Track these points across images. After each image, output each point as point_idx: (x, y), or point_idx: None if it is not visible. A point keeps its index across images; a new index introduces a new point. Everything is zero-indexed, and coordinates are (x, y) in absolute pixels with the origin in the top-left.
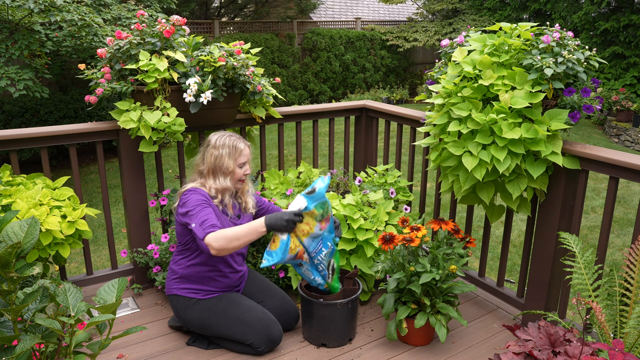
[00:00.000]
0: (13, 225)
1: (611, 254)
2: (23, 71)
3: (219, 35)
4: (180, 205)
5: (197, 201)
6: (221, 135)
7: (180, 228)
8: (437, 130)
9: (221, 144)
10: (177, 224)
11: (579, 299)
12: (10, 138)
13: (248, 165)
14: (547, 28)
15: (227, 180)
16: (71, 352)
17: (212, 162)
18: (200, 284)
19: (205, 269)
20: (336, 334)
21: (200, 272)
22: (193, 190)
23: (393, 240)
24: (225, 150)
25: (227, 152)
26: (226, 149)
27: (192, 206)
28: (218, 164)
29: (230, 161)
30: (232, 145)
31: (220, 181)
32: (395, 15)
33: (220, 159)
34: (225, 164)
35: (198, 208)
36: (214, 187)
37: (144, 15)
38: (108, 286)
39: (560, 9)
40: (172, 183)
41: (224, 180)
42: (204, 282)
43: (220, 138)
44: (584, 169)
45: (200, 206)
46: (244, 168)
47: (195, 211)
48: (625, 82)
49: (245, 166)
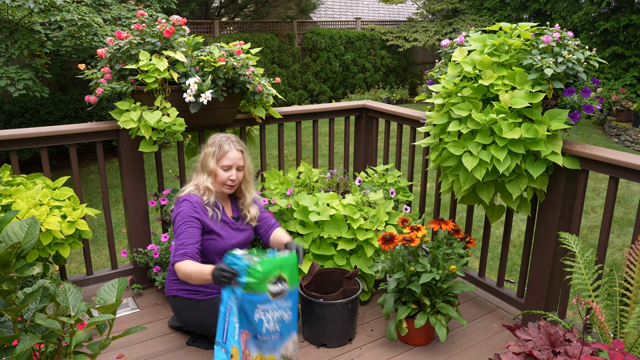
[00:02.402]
0: (13, 225)
1: (611, 254)
2: (23, 71)
3: (219, 35)
4: (174, 212)
5: (184, 217)
6: (218, 134)
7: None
8: (437, 130)
9: (212, 142)
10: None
11: (579, 299)
12: (10, 138)
13: (234, 171)
14: (547, 28)
15: (209, 180)
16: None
17: (201, 158)
18: (200, 285)
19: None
20: (336, 334)
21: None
22: (185, 199)
23: (393, 240)
24: (211, 149)
25: (211, 150)
26: (212, 148)
27: (178, 222)
28: (204, 161)
29: (212, 160)
30: (218, 144)
31: (203, 179)
32: (395, 15)
33: (207, 156)
34: (208, 162)
35: (182, 227)
36: (202, 185)
37: (144, 15)
38: (108, 286)
39: (560, 9)
40: (172, 183)
41: (206, 179)
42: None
43: (215, 136)
44: (584, 169)
45: (185, 224)
46: (229, 173)
47: (179, 230)
48: (625, 82)
49: (231, 171)
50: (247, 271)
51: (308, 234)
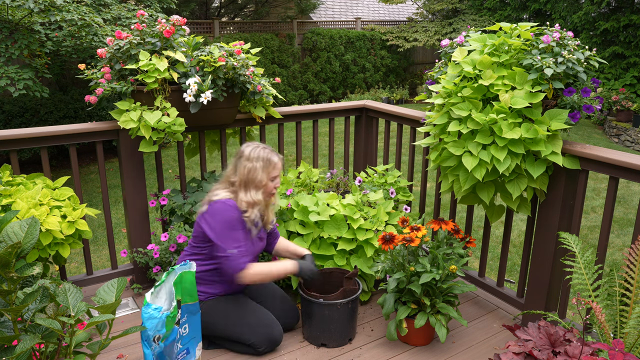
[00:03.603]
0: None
1: (611, 254)
2: (23, 71)
3: (219, 35)
4: (209, 215)
5: (229, 221)
6: (255, 146)
7: (201, 233)
8: (437, 130)
9: (255, 156)
10: (198, 228)
11: (579, 299)
12: (10, 138)
13: (279, 179)
14: (547, 28)
15: (259, 193)
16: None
17: (245, 174)
18: (205, 286)
19: (215, 274)
20: (336, 334)
21: (209, 276)
22: (226, 203)
23: (393, 240)
24: (259, 164)
25: (261, 165)
26: (260, 162)
27: (228, 226)
28: (251, 177)
29: (263, 174)
30: (267, 158)
31: (251, 194)
32: (395, 15)
33: (254, 172)
34: (259, 177)
35: (235, 233)
36: (244, 201)
37: (144, 15)
38: (107, 286)
39: (560, 9)
40: (172, 183)
41: (255, 193)
42: (210, 284)
43: (254, 150)
44: (584, 169)
45: (236, 231)
46: (275, 181)
47: (233, 235)
48: (625, 82)
49: (277, 179)
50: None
51: (308, 234)
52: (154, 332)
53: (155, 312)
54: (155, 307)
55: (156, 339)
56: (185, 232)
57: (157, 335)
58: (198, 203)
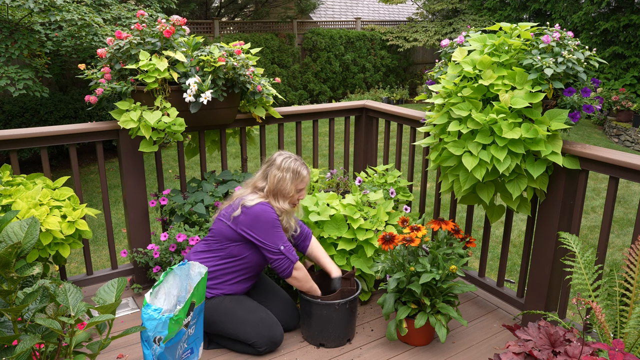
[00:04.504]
0: (13, 225)
1: (611, 254)
2: (23, 71)
3: (219, 35)
4: (250, 218)
5: (272, 222)
6: (287, 157)
7: (228, 230)
8: (437, 130)
9: (286, 167)
10: (226, 227)
11: (579, 299)
12: (10, 138)
13: (305, 192)
14: (547, 28)
15: (286, 203)
16: (71, 352)
17: (275, 183)
18: (212, 281)
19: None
20: (334, 334)
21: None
22: (266, 206)
23: (393, 240)
24: (289, 175)
25: (290, 176)
26: (290, 174)
27: (269, 228)
28: (280, 186)
29: (292, 186)
30: (297, 170)
31: (280, 203)
32: (395, 15)
33: (283, 182)
34: (287, 188)
35: (276, 231)
36: (277, 207)
37: (144, 15)
38: (107, 286)
39: (560, 9)
40: (172, 183)
41: (283, 202)
42: (217, 284)
43: (286, 160)
44: (584, 169)
45: (276, 227)
46: (301, 193)
47: (279, 234)
48: (625, 82)
49: (303, 192)
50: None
51: None
52: (154, 333)
53: (155, 313)
54: (155, 308)
55: (157, 340)
56: (185, 232)
57: (157, 337)
58: (198, 203)
